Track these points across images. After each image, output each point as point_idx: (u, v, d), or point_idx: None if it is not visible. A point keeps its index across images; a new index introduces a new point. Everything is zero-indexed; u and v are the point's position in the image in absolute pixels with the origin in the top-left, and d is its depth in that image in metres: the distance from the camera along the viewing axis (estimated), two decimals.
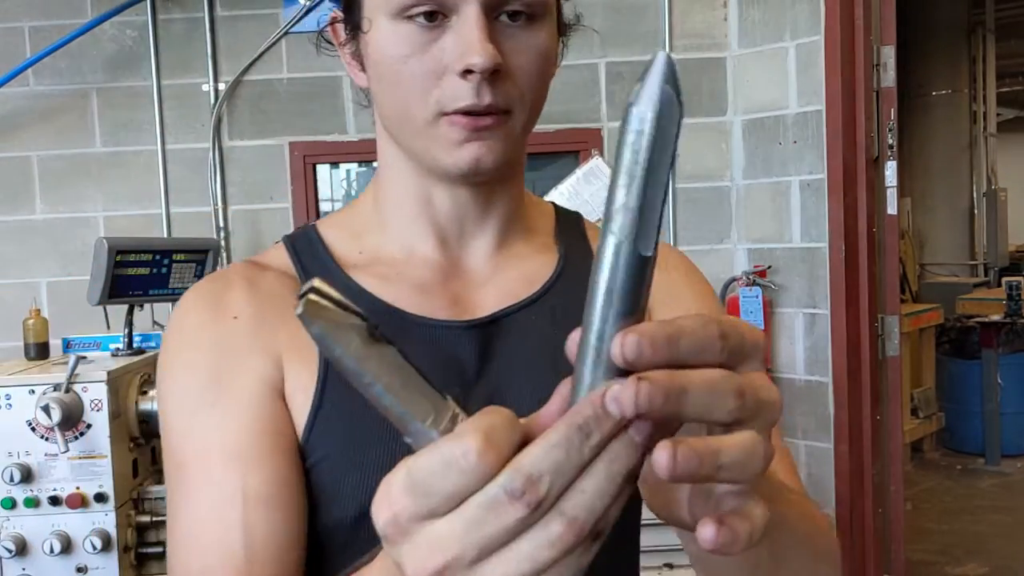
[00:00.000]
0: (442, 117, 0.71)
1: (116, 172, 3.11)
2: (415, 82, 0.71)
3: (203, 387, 0.73)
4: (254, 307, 0.76)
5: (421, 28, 0.70)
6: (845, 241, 2.81)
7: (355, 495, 0.69)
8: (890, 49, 2.84)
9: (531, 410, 0.61)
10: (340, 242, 0.82)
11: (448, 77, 0.70)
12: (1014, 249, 8.99)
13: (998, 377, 5.49)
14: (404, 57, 0.70)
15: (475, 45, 0.68)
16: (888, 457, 2.96)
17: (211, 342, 0.74)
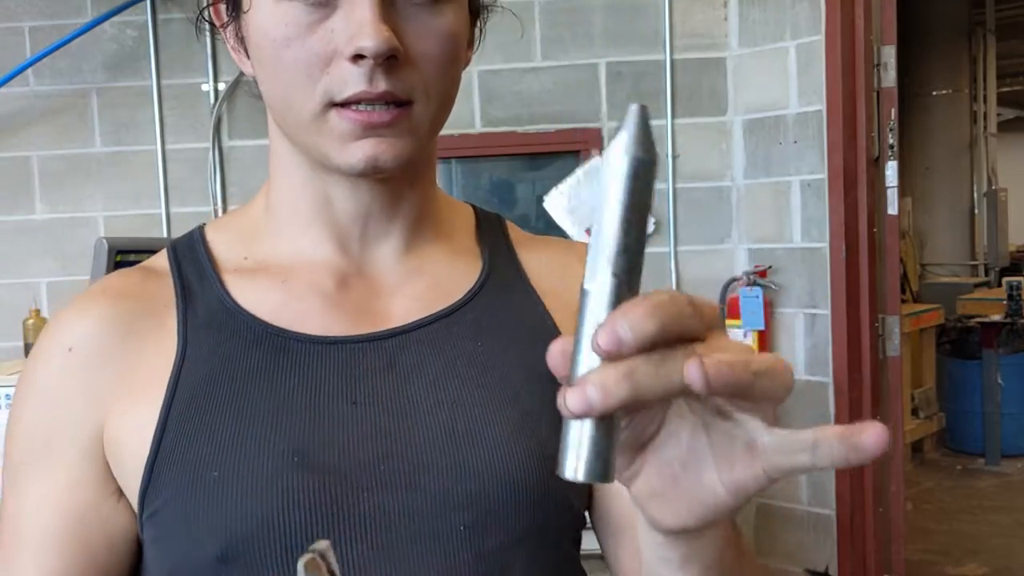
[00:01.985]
0: (331, 109, 0.63)
1: (116, 172, 3.11)
2: (299, 68, 0.63)
3: (23, 446, 0.67)
4: (102, 330, 0.67)
5: (307, 7, 0.62)
6: (846, 241, 2.81)
7: (215, 533, 0.61)
8: (890, 49, 2.84)
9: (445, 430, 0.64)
10: (225, 246, 0.74)
11: (337, 62, 0.62)
12: (1014, 249, 8.99)
13: (998, 377, 5.49)
14: (287, 40, 0.62)
15: (367, 27, 0.60)
16: (888, 457, 2.96)
17: (37, 388, 0.68)
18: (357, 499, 0.62)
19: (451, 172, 3.43)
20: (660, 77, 3.05)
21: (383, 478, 0.63)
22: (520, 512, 0.64)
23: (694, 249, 3.09)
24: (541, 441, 0.66)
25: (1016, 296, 5.57)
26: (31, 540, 0.65)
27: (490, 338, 0.70)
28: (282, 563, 0.60)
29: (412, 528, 0.62)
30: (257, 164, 3.12)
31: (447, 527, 0.63)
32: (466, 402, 0.66)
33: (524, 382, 0.68)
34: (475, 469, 0.64)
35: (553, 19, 3.08)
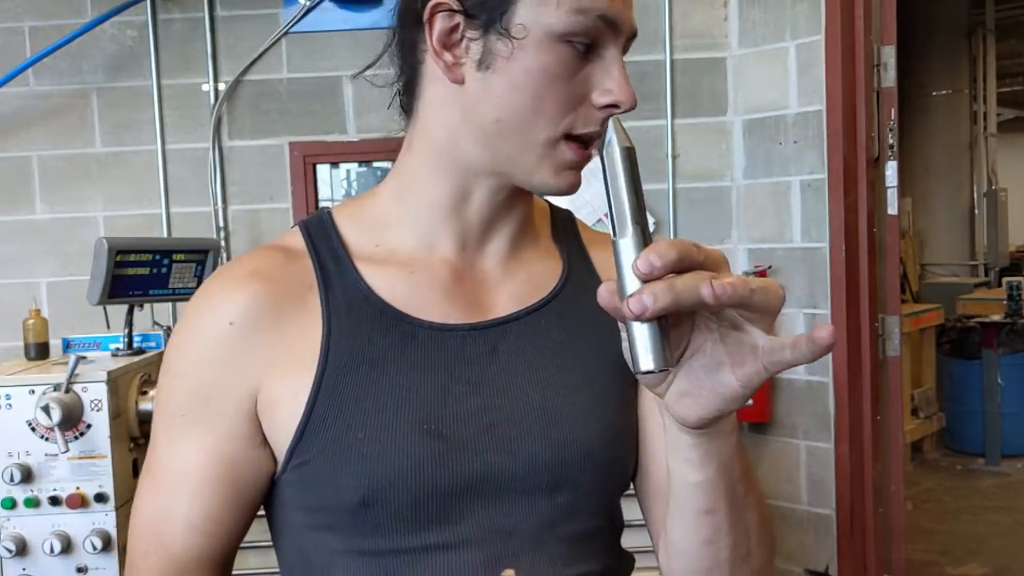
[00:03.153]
0: (562, 141, 0.76)
1: (116, 172, 3.11)
2: (559, 102, 0.75)
3: (182, 401, 0.79)
4: (259, 306, 0.78)
5: (575, 55, 0.74)
6: (845, 241, 2.81)
7: (356, 484, 0.75)
8: (890, 49, 2.84)
9: (536, 408, 0.81)
10: (354, 232, 0.84)
11: (586, 104, 0.75)
12: (1014, 249, 8.99)
13: (998, 377, 5.49)
14: (556, 77, 0.74)
15: (624, 86, 0.74)
16: (888, 457, 2.96)
17: (197, 354, 0.79)
18: (469, 461, 0.77)
19: None
20: (660, 77, 3.05)
21: (488, 444, 0.78)
22: (587, 473, 0.81)
23: None
24: (607, 418, 0.83)
25: (1016, 296, 5.57)
26: (187, 480, 0.78)
27: (571, 330, 0.85)
28: (410, 511, 0.76)
29: (507, 484, 0.78)
30: (257, 164, 3.12)
31: (533, 484, 0.79)
32: (552, 384, 0.81)
33: (596, 370, 0.84)
34: (556, 440, 0.80)
35: None
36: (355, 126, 3.13)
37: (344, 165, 3.33)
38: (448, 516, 0.77)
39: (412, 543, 0.77)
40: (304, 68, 3.11)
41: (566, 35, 0.73)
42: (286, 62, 3.11)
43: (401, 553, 0.77)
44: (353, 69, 3.11)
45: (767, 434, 3.06)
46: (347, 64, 3.11)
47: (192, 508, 0.78)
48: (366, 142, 3.14)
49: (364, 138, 3.13)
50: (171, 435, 0.80)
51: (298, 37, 3.09)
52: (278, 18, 3.09)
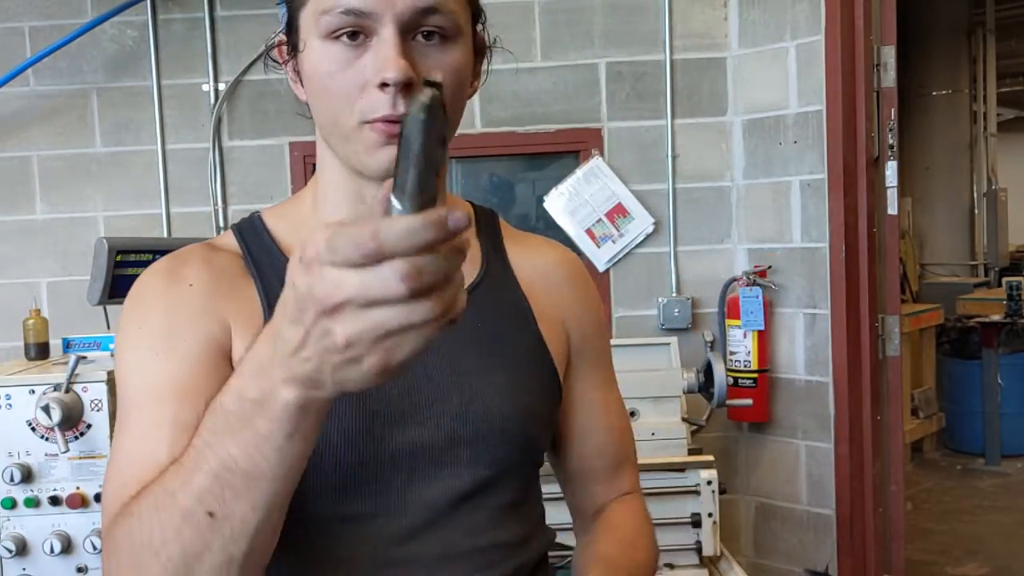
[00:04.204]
0: (364, 124, 0.81)
1: (116, 172, 3.11)
2: (341, 94, 0.82)
3: (153, 340, 0.83)
4: (208, 278, 0.86)
5: (346, 47, 0.81)
6: (845, 241, 2.81)
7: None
8: (890, 49, 2.84)
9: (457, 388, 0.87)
10: (283, 232, 0.93)
11: (369, 90, 0.80)
12: (1014, 249, 8.99)
13: (998, 377, 5.49)
14: (332, 73, 0.82)
15: (390, 61, 0.78)
16: (888, 457, 2.96)
17: (165, 304, 0.85)
18: (395, 435, 0.83)
19: (451, 172, 3.43)
20: (660, 77, 3.05)
21: (413, 420, 0.84)
22: (504, 449, 0.88)
23: (694, 249, 3.09)
24: (523, 400, 0.90)
25: (1016, 296, 5.57)
26: (169, 393, 0.80)
27: (488, 320, 0.92)
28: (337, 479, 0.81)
29: (429, 457, 0.85)
30: (257, 164, 3.12)
31: (453, 458, 0.86)
32: (471, 368, 0.89)
33: (513, 356, 0.93)
34: (475, 417, 0.87)
35: (553, 19, 3.08)
36: None
37: None
38: (373, 487, 0.83)
39: (337, 511, 0.82)
40: None
41: (329, 33, 0.81)
42: None
43: (327, 522, 0.83)
44: None
45: (767, 434, 3.06)
46: None
47: (182, 410, 0.79)
48: None
49: None
50: (144, 371, 0.82)
51: None
52: (278, 18, 3.08)
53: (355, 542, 0.83)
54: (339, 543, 0.83)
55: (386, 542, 0.83)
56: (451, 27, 0.82)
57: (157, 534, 0.67)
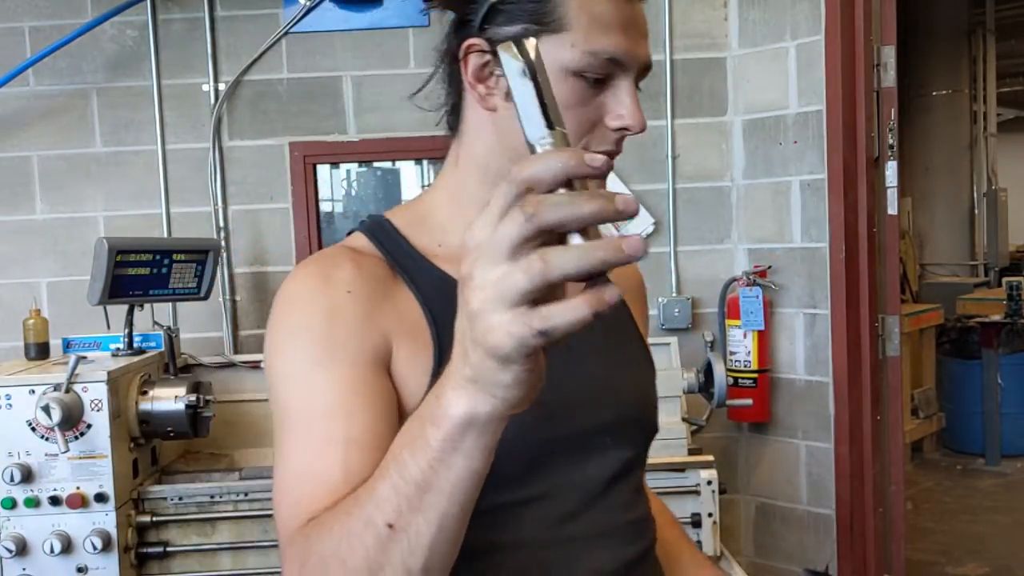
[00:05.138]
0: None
1: (116, 172, 3.11)
2: (573, 128, 0.84)
3: (313, 348, 0.83)
4: (363, 284, 0.86)
5: (587, 87, 0.85)
6: (845, 241, 2.81)
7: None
8: (890, 49, 2.84)
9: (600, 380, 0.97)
10: (416, 234, 0.94)
11: (600, 128, 0.86)
12: (1014, 249, 8.99)
13: (998, 377, 5.49)
14: (569, 105, 0.84)
15: (635, 114, 0.85)
16: (888, 457, 2.96)
17: (324, 310, 0.84)
18: (550, 425, 0.88)
19: None
20: (660, 77, 3.05)
21: (564, 410, 0.90)
22: (640, 433, 1.00)
23: (694, 249, 3.09)
24: (647, 392, 1.04)
25: (1016, 296, 5.57)
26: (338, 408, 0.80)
27: (610, 322, 0.95)
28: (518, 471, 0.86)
29: (579, 444, 0.92)
30: (257, 164, 3.12)
31: (599, 444, 0.93)
32: (607, 363, 0.98)
33: (630, 347, 1.04)
34: (615, 404, 0.96)
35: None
36: (355, 126, 3.13)
37: (344, 165, 3.33)
38: (535, 474, 0.88)
39: (517, 496, 0.87)
40: (304, 68, 3.11)
41: (578, 72, 0.84)
42: (286, 62, 3.11)
43: (492, 511, 0.82)
44: (353, 69, 3.12)
45: (767, 434, 3.06)
46: (347, 64, 3.11)
47: (351, 426, 0.79)
48: (366, 142, 3.14)
49: (364, 138, 3.13)
50: (307, 382, 0.82)
51: (298, 37, 3.09)
52: (278, 18, 3.09)
53: (518, 527, 0.88)
54: (504, 529, 0.87)
55: (547, 524, 0.89)
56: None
57: (344, 542, 0.68)
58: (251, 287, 3.14)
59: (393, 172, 3.44)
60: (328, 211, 3.31)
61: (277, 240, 3.14)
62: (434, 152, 3.22)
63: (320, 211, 3.21)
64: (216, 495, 2.27)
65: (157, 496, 2.27)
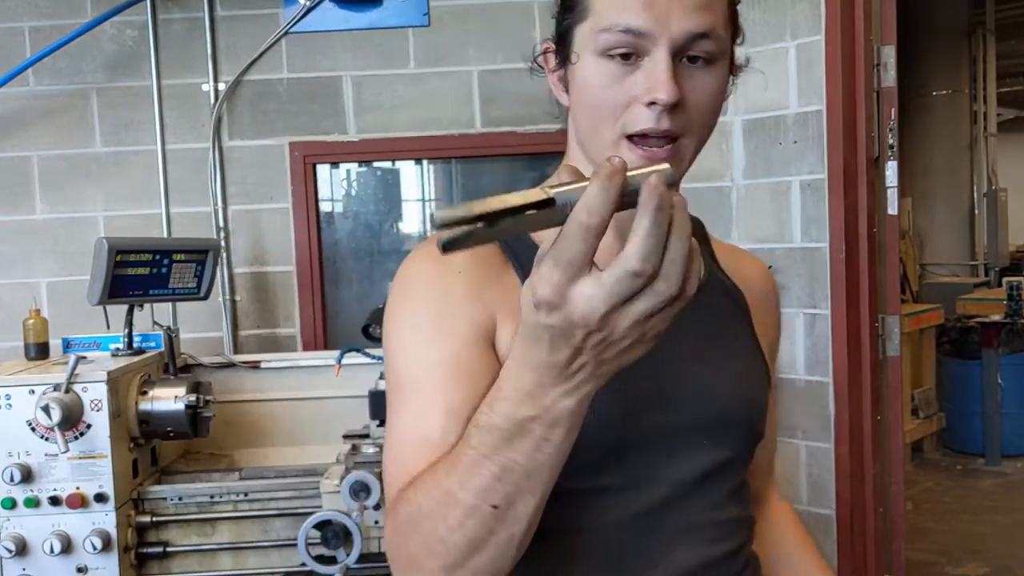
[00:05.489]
0: (624, 139, 0.87)
1: (116, 172, 3.11)
2: (607, 108, 0.87)
3: (425, 327, 0.89)
4: (474, 266, 0.90)
5: (618, 65, 0.86)
6: (845, 241, 2.81)
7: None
8: (890, 49, 2.84)
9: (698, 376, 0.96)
10: None
11: (635, 106, 0.86)
12: (1014, 249, 8.99)
13: (998, 377, 5.49)
14: (602, 87, 0.87)
15: (662, 83, 0.84)
16: (888, 457, 2.96)
17: (437, 291, 0.90)
18: (646, 417, 0.91)
19: (451, 172, 3.43)
20: None
21: (661, 404, 0.92)
22: (738, 435, 0.98)
23: None
24: (752, 391, 1.00)
25: (1016, 296, 5.57)
26: (440, 373, 0.86)
27: (717, 315, 1.01)
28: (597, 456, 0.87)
29: (676, 439, 0.92)
30: (257, 164, 3.12)
31: (696, 440, 0.93)
32: (709, 358, 0.97)
33: (739, 349, 1.02)
34: (715, 404, 0.95)
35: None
36: (355, 126, 3.13)
37: (344, 165, 3.33)
38: (625, 463, 0.89)
39: (592, 484, 0.89)
40: (304, 68, 3.11)
41: (605, 51, 0.86)
42: (286, 62, 3.11)
43: (581, 494, 0.89)
44: (353, 69, 3.12)
45: None
46: (347, 64, 3.11)
47: (450, 394, 0.84)
48: (366, 142, 3.14)
49: (364, 138, 3.13)
50: (418, 358, 0.88)
51: (298, 37, 3.09)
52: (278, 18, 3.09)
53: (605, 512, 0.90)
54: (590, 513, 0.90)
55: (634, 513, 0.90)
56: (717, 51, 0.88)
57: (442, 526, 0.75)
58: (251, 287, 3.14)
59: (393, 172, 3.44)
60: (328, 211, 3.31)
61: (277, 240, 3.14)
62: (434, 152, 3.22)
63: (320, 211, 3.21)
64: (216, 495, 2.27)
65: (157, 496, 2.27)
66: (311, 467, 2.31)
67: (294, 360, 2.75)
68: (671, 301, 0.63)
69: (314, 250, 3.16)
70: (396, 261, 3.40)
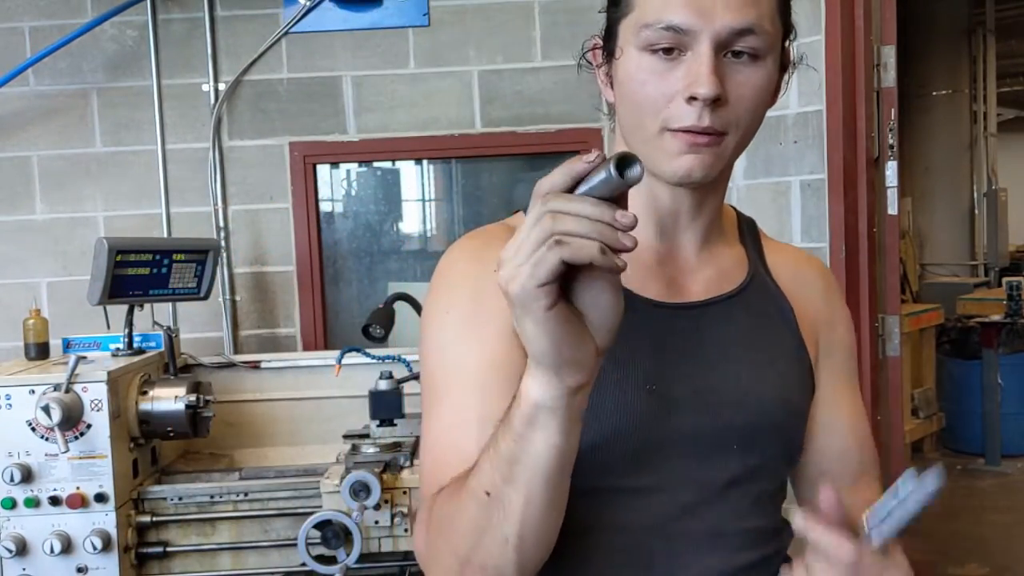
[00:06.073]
0: (666, 132, 0.87)
1: (116, 172, 3.11)
2: (650, 102, 0.87)
3: (458, 325, 0.90)
4: None
5: (661, 60, 0.86)
6: (845, 241, 2.81)
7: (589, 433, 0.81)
8: (890, 49, 2.84)
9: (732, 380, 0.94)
10: None
11: (676, 101, 0.86)
12: (1014, 249, 8.99)
13: (998, 377, 5.49)
14: (644, 82, 0.87)
15: (702, 78, 0.84)
16: (888, 457, 2.96)
17: (471, 288, 0.90)
18: (678, 419, 0.90)
19: (451, 172, 3.43)
20: None
21: (693, 407, 0.90)
22: (772, 440, 0.95)
23: None
24: (789, 396, 0.97)
25: (1016, 296, 5.57)
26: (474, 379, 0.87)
27: (757, 317, 0.99)
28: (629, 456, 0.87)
29: (706, 442, 0.91)
30: (257, 164, 3.12)
31: (726, 444, 0.91)
32: (744, 361, 0.95)
33: (778, 355, 0.99)
34: (749, 408, 0.92)
35: (553, 19, 3.08)
36: (355, 126, 3.13)
37: (344, 165, 3.33)
38: (654, 464, 0.89)
39: (625, 484, 0.89)
40: (304, 68, 3.11)
41: (647, 46, 0.86)
42: (286, 62, 3.11)
43: (610, 493, 0.89)
44: (353, 69, 3.13)
45: None
46: (347, 64, 3.11)
47: (485, 402, 0.85)
48: (366, 142, 3.14)
49: (364, 138, 3.13)
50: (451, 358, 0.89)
51: (298, 37, 3.09)
52: (278, 18, 3.09)
53: (634, 513, 0.89)
54: (618, 513, 0.89)
55: (662, 516, 0.90)
56: (763, 47, 0.87)
57: (455, 510, 0.78)
58: (251, 287, 3.14)
59: (393, 172, 3.45)
60: (328, 211, 3.31)
61: (277, 240, 3.14)
62: (434, 152, 3.22)
63: (320, 211, 3.21)
64: (216, 495, 2.27)
65: (157, 496, 2.27)
66: (311, 467, 2.31)
67: (294, 360, 2.75)
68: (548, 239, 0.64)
69: (314, 250, 3.16)
70: (396, 261, 3.40)
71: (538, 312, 0.66)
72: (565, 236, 0.64)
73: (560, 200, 0.65)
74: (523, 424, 0.72)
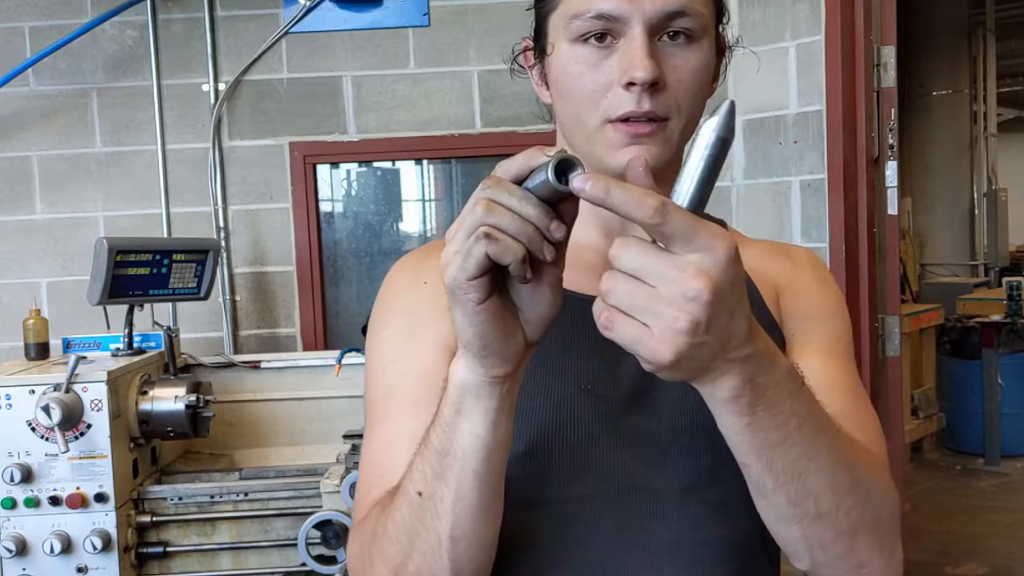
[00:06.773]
0: (607, 124, 0.84)
1: (116, 172, 3.11)
2: (587, 94, 0.85)
3: (396, 342, 0.89)
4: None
5: (593, 49, 0.84)
6: (845, 241, 2.81)
7: (522, 436, 0.81)
8: (890, 49, 2.84)
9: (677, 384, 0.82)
10: None
11: (614, 89, 0.83)
12: (1014, 249, 8.99)
13: (998, 377, 5.49)
14: (579, 73, 0.85)
15: (638, 61, 0.81)
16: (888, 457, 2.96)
17: (407, 303, 0.90)
18: (620, 419, 0.86)
19: (451, 172, 3.43)
20: None
21: (635, 406, 0.86)
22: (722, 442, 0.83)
23: None
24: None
25: (1016, 296, 5.57)
26: (407, 398, 0.85)
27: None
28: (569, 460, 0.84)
29: (654, 444, 0.86)
30: (257, 164, 3.12)
31: (676, 446, 0.86)
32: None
33: None
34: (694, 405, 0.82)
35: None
36: (355, 126, 3.13)
37: (344, 165, 3.33)
38: (600, 470, 0.85)
39: (569, 493, 0.85)
40: (304, 68, 3.11)
41: (578, 37, 0.84)
42: (286, 62, 3.11)
43: (560, 503, 0.85)
44: (353, 69, 3.13)
45: None
46: (347, 64, 3.11)
47: (417, 421, 0.81)
48: (366, 142, 3.14)
49: (364, 138, 3.13)
50: (385, 375, 0.88)
51: (298, 37, 3.09)
52: (278, 18, 3.09)
53: (583, 526, 0.85)
54: (573, 525, 0.85)
55: (618, 527, 0.85)
56: (697, 28, 0.84)
57: (388, 518, 0.77)
58: (251, 287, 3.14)
59: (393, 172, 3.45)
60: (328, 211, 3.31)
61: (277, 240, 3.14)
62: (434, 152, 3.22)
63: (320, 211, 3.21)
64: (216, 495, 2.27)
65: (157, 496, 2.27)
66: (311, 467, 2.32)
67: (294, 360, 2.75)
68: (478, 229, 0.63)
69: (314, 250, 3.16)
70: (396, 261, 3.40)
71: (468, 305, 0.65)
72: (494, 230, 0.62)
73: (501, 190, 0.63)
74: (451, 412, 0.71)
